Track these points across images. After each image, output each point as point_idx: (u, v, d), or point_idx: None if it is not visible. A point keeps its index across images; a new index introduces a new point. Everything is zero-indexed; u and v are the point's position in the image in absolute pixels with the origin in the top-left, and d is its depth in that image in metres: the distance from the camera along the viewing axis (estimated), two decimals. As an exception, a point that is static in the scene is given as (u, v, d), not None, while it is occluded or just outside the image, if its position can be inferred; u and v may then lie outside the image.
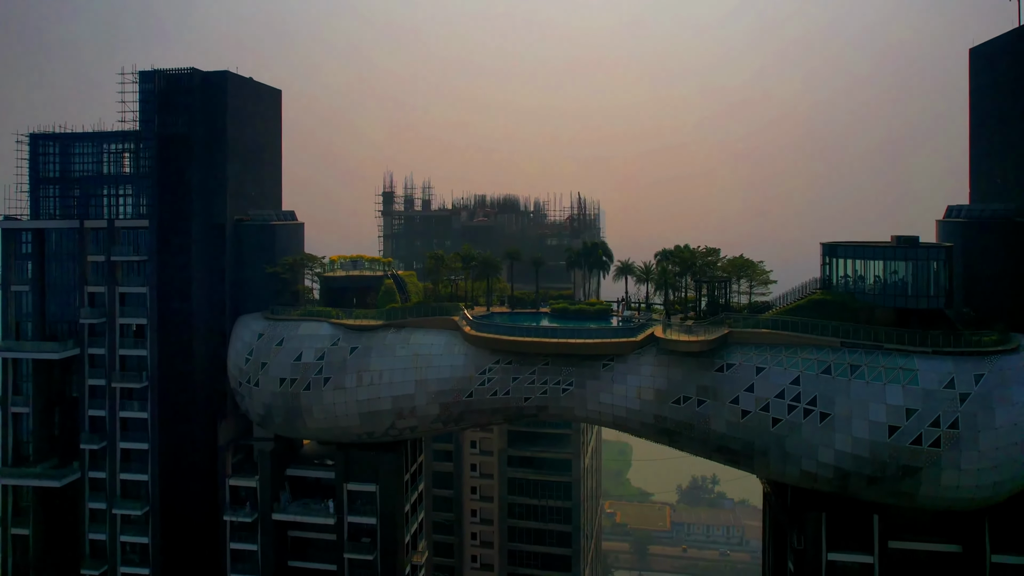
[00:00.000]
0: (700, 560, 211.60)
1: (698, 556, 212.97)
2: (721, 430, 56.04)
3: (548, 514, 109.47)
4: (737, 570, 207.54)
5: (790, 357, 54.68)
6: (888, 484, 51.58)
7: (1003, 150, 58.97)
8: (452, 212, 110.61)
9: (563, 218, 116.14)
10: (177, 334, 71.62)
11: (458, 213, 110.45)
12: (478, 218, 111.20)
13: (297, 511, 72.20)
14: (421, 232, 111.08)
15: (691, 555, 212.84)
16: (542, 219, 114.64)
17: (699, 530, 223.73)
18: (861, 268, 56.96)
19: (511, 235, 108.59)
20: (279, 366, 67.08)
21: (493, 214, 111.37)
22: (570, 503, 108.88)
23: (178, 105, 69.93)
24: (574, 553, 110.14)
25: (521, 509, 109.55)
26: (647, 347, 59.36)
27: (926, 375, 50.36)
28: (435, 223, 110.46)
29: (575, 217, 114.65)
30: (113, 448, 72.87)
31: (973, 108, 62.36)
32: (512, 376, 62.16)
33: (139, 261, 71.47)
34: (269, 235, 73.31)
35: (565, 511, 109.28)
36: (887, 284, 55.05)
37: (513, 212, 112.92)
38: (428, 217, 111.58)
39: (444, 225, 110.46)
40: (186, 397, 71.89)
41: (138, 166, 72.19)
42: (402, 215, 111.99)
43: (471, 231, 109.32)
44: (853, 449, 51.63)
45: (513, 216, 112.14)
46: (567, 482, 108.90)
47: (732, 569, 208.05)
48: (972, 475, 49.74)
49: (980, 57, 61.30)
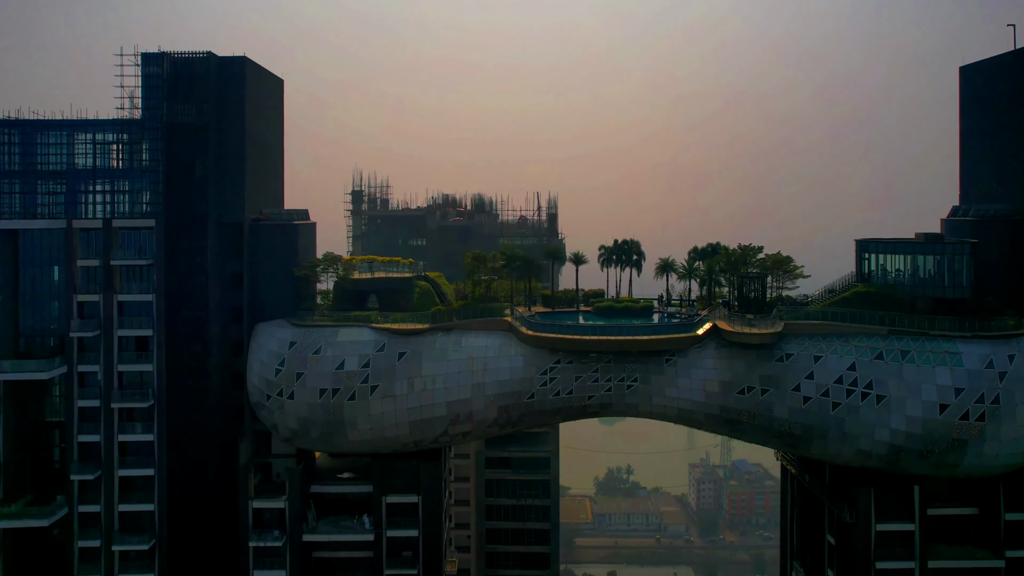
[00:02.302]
0: (636, 548, 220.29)
1: (636, 544, 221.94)
2: (784, 416, 59.61)
3: (527, 513, 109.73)
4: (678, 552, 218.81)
5: (844, 345, 59.22)
6: (936, 457, 57.39)
7: (994, 157, 67.36)
8: (427, 212, 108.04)
9: (525, 217, 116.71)
10: (189, 346, 65.00)
11: (433, 213, 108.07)
12: (453, 218, 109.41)
13: (328, 530, 68.02)
14: (393, 232, 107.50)
15: (627, 543, 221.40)
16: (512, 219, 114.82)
17: (620, 520, 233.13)
18: (893, 262, 62.79)
19: (488, 235, 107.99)
20: (318, 376, 62.79)
21: (469, 214, 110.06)
22: (548, 500, 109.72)
23: (190, 92, 63.30)
24: (552, 550, 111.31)
25: (499, 510, 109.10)
26: (705, 341, 61.80)
27: (969, 357, 56.59)
28: (409, 223, 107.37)
29: (526, 218, 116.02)
30: (111, 477, 64.80)
31: (963, 118, 70.65)
32: (575, 375, 62.31)
33: (142, 265, 63.96)
34: (290, 235, 68.26)
35: (543, 509, 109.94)
36: (920, 276, 61.16)
37: (484, 212, 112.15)
38: (401, 217, 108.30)
39: (419, 225, 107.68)
40: (201, 416, 65.45)
41: (132, 158, 64.68)
42: (375, 215, 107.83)
43: (447, 231, 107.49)
44: (908, 427, 56.91)
45: (486, 216, 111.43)
46: (545, 480, 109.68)
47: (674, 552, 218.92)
48: (1010, 444, 56.62)
49: (970, 74, 69.66)
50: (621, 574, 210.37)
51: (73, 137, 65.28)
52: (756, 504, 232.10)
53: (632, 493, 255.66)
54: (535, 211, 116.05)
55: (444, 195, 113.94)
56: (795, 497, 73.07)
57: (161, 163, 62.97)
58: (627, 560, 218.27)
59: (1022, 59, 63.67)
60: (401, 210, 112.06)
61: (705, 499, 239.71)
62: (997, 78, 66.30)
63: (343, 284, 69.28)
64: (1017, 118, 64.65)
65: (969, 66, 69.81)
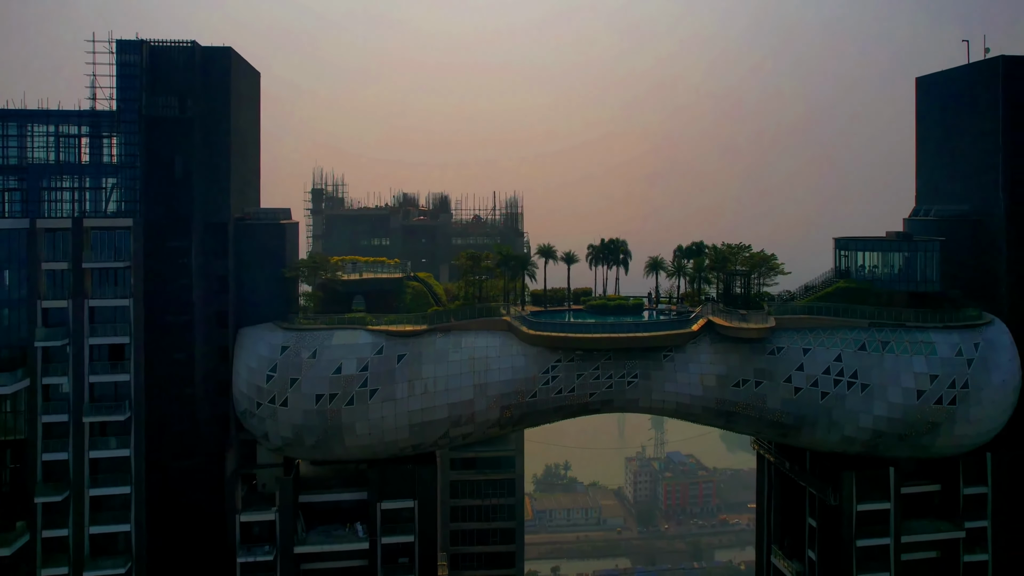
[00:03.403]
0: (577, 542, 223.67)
1: (597, 538, 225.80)
2: (776, 407, 62.50)
3: (492, 513, 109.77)
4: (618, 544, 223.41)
5: (830, 338, 62.73)
6: (913, 440, 61.77)
7: (947, 161, 73.15)
8: (391, 211, 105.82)
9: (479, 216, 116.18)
10: (171, 353, 61.08)
11: (396, 212, 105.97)
12: (416, 217, 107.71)
13: (321, 541, 65.68)
14: (356, 231, 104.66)
15: (587, 537, 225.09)
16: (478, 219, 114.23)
17: (560, 515, 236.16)
18: (869, 259, 67.03)
19: (455, 234, 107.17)
20: (314, 381, 60.58)
21: (433, 213, 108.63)
22: (513, 499, 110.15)
23: (171, 84, 59.44)
24: (518, 548, 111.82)
25: (464, 511, 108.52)
26: (700, 337, 63.89)
27: (942, 346, 61.22)
28: (372, 222, 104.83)
29: (480, 217, 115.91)
30: (80, 498, 60.00)
31: (919, 125, 76.34)
32: (576, 373, 62.96)
33: (118, 268, 59.55)
34: (278, 235, 65.41)
35: (509, 507, 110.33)
36: (894, 272, 65.60)
37: (447, 212, 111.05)
38: (364, 216, 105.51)
39: (382, 224, 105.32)
40: (185, 427, 61.64)
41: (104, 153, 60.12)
42: (337, 214, 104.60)
43: (411, 230, 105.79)
44: (889, 413, 60.95)
45: (449, 215, 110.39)
46: (511, 479, 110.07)
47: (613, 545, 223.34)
48: (975, 425, 61.66)
49: (926, 84, 75.33)
50: (564, 569, 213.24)
51: (30, 129, 59.99)
52: (691, 494, 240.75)
53: (570, 488, 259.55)
54: (490, 210, 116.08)
55: (404, 194, 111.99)
56: (773, 484, 76.58)
57: (139, 158, 58.80)
58: (568, 555, 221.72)
59: (974, 72, 69.52)
60: (360, 209, 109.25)
61: (642, 491, 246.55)
62: (951, 89, 72.05)
63: (333, 285, 66.99)
64: (968, 125, 70.53)
65: (925, 77, 75.49)
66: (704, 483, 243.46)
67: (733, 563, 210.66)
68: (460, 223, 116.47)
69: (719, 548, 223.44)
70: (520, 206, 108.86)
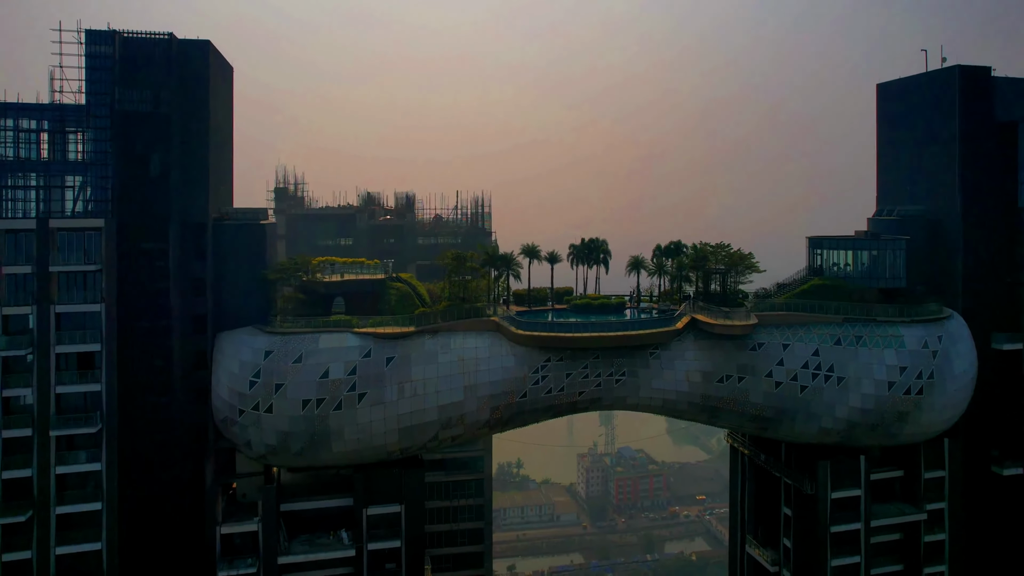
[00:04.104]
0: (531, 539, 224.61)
1: (551, 534, 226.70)
2: (758, 401, 64.48)
3: (460, 514, 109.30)
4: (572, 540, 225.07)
5: (807, 333, 65.15)
6: (884, 429, 64.82)
7: (907, 163, 77.09)
8: (357, 211, 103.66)
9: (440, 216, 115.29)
10: (148, 360, 58.15)
11: (363, 212, 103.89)
12: (382, 217, 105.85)
13: (305, 550, 63.88)
14: (320, 231, 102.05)
15: (542, 534, 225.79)
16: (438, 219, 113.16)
17: (515, 513, 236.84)
18: (841, 257, 70.01)
19: (421, 233, 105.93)
20: (301, 386, 58.86)
21: (399, 212, 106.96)
22: (482, 499, 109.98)
23: (146, 77, 56.43)
24: (487, 548, 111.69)
25: (433, 513, 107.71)
26: (684, 334, 65.31)
27: (909, 339, 64.47)
28: (338, 221, 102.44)
29: (441, 217, 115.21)
30: (46, 517, 56.49)
31: (880, 129, 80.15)
32: (566, 372, 63.31)
33: (89, 271, 56.26)
34: (258, 236, 63.11)
35: (478, 508, 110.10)
36: (864, 269, 68.72)
37: (412, 211, 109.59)
38: (329, 215, 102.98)
39: (348, 223, 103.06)
40: (163, 437, 58.77)
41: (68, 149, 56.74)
42: (302, 213, 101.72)
43: (377, 230, 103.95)
44: (863, 404, 63.79)
45: (415, 215, 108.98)
46: (479, 479, 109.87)
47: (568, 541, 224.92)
48: (939, 412, 65.23)
49: (886, 90, 79.14)
50: (520, 567, 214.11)
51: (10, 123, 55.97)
52: (641, 488, 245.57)
53: (523, 486, 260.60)
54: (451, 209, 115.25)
55: (368, 193, 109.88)
56: (747, 476, 78.95)
57: (111, 155, 55.69)
58: (524, 553, 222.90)
59: (932, 80, 73.50)
60: (324, 208, 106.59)
61: (594, 487, 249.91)
62: (910, 95, 75.95)
63: (314, 287, 65.19)
64: (927, 130, 74.53)
65: (885, 84, 79.35)
66: (654, 477, 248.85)
67: (684, 554, 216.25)
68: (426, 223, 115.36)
69: (670, 540, 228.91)
70: (487, 205, 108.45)
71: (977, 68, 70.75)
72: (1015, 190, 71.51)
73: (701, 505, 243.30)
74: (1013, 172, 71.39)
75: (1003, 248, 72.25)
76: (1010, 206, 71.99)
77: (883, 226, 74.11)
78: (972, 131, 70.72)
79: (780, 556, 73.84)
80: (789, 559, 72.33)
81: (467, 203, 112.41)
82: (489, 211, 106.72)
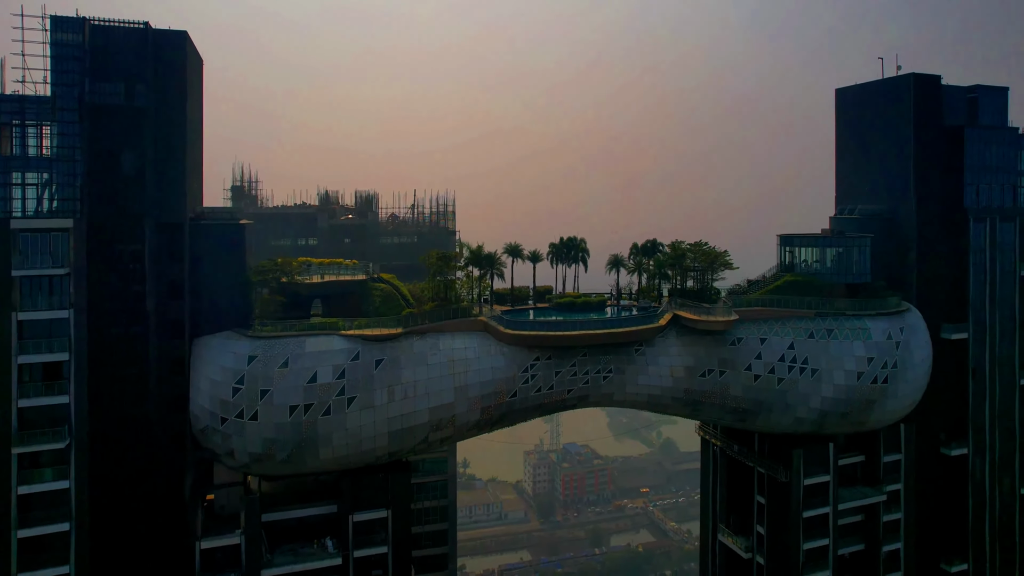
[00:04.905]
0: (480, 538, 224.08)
1: (500, 532, 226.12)
2: (738, 394, 66.67)
3: (424, 516, 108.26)
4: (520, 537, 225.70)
5: (782, 328, 67.82)
6: (854, 416, 68.25)
7: (863, 164, 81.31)
8: (318, 210, 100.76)
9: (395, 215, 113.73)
10: (121, 369, 54.69)
11: (323, 211, 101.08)
12: (344, 216, 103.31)
13: (289, 561, 61.51)
14: (279, 231, 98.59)
15: (491, 533, 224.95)
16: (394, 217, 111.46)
17: (463, 512, 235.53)
18: (811, 254, 73.19)
19: (384, 233, 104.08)
20: (288, 391, 56.79)
21: (361, 211, 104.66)
22: (446, 500, 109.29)
23: (120, 68, 52.98)
24: (451, 551, 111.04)
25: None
26: (667, 330, 66.79)
27: (875, 331, 68.09)
28: (300, 221, 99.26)
29: (396, 216, 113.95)
30: (6, 541, 52.35)
31: (838, 131, 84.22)
32: (555, 370, 63.63)
33: (55, 275, 52.40)
34: (237, 236, 60.37)
35: (441, 509, 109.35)
36: (832, 265, 72.09)
37: (374, 210, 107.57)
38: (288, 215, 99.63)
39: (309, 223, 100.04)
40: (138, 450, 55.43)
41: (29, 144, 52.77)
42: (260, 212, 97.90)
43: (339, 230, 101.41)
44: (834, 394, 66.96)
45: (377, 214, 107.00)
46: (443, 480, 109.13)
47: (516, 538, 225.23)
48: (902, 399, 69.21)
49: (844, 95, 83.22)
50: (469, 566, 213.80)
51: None
52: (587, 483, 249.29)
53: (469, 486, 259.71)
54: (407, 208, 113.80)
55: (327, 191, 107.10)
56: (719, 467, 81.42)
57: (80, 151, 52.04)
58: (473, 552, 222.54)
59: (888, 86, 77.82)
60: (281, 207, 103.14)
61: (540, 484, 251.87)
62: (866, 100, 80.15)
63: (295, 289, 62.93)
64: (883, 134, 78.89)
65: (843, 89, 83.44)
66: (600, 472, 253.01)
67: (631, 546, 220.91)
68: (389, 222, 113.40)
69: (615, 533, 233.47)
70: (451, 203, 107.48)
71: (929, 76, 75.45)
72: (961, 191, 76.66)
73: (645, 498, 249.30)
74: (959, 174, 76.52)
75: (951, 244, 77.34)
76: (957, 205, 77.15)
77: (845, 224, 77.96)
78: (924, 135, 75.40)
79: (753, 542, 76.57)
80: (763, 545, 75.10)
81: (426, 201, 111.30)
82: (453, 209, 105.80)
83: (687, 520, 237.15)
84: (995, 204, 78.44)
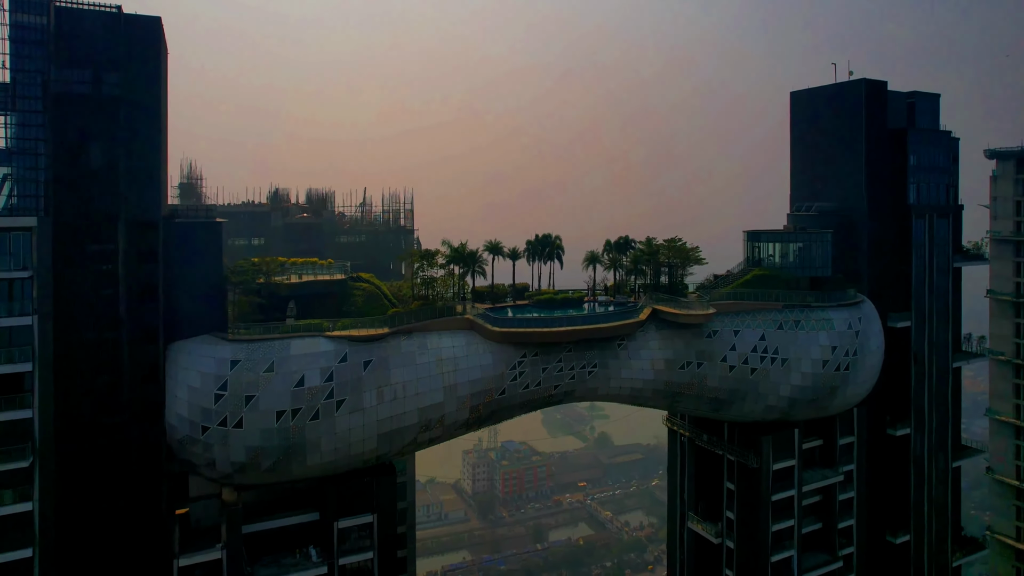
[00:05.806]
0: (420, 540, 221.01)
1: (441, 533, 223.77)
2: (715, 384, 68.88)
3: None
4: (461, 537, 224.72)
5: (753, 320, 70.59)
6: (819, 402, 71.86)
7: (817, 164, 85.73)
8: (271, 209, 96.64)
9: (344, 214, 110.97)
10: (91, 378, 50.68)
11: (276, 209, 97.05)
12: (298, 215, 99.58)
13: (272, 573, 59.00)
14: (231, 230, 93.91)
15: (432, 534, 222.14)
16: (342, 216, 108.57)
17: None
18: (778, 249, 76.47)
19: (343, 232, 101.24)
20: (274, 396, 54.33)
21: (315, 210, 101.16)
22: (405, 503, 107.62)
23: (88, 54, 48.88)
24: (410, 554, 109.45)
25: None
26: (647, 324, 68.21)
27: (838, 322, 71.90)
28: (250, 219, 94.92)
29: (344, 215, 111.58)
30: (-36, 569, 47.79)
31: (793, 132, 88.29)
32: (542, 367, 63.76)
33: (16, 279, 48.00)
34: (214, 236, 57.02)
35: (401, 512, 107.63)
36: (796, 259, 75.57)
37: (328, 208, 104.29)
38: (241, 213, 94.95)
39: (260, 222, 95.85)
40: (111, 465, 51.53)
41: None
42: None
43: (295, 228, 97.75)
44: (802, 382, 70.28)
45: (332, 213, 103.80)
46: (402, 482, 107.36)
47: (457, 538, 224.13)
48: (861, 384, 73.44)
49: (799, 97, 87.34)
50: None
51: None
52: (526, 479, 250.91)
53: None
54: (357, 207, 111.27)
55: (277, 189, 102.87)
56: (687, 456, 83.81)
57: (45, 143, 47.87)
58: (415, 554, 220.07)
59: (840, 91, 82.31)
60: (230, 205, 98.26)
61: (480, 482, 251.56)
62: (820, 103, 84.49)
63: (274, 290, 60.24)
64: (835, 136, 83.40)
65: (798, 92, 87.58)
66: (538, 468, 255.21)
67: (571, 540, 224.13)
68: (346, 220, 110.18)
69: (556, 528, 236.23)
70: (406, 202, 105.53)
71: (877, 81, 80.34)
72: (905, 189, 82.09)
73: (583, 492, 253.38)
74: (903, 173, 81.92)
75: (897, 240, 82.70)
76: (902, 203, 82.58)
77: (803, 221, 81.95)
78: (874, 137, 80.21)
79: (723, 528, 79.30)
80: (732, 529, 77.90)
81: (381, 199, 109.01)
82: (411, 208, 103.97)
83: (625, 512, 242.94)
84: (933, 202, 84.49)
